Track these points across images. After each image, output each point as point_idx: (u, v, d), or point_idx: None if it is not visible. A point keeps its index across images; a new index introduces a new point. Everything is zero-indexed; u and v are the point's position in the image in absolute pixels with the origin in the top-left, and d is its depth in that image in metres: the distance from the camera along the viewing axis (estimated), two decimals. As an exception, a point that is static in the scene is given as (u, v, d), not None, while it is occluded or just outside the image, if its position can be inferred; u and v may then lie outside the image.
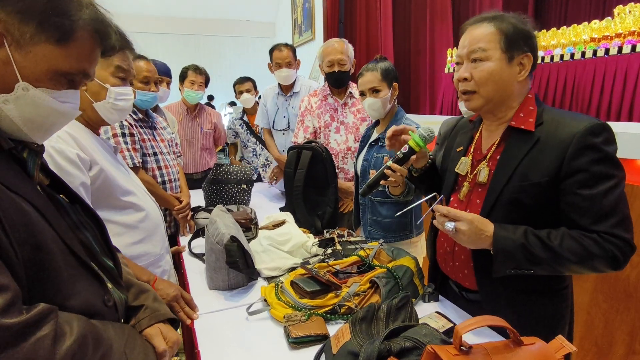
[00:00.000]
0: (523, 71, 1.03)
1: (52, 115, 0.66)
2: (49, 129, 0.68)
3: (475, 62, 1.03)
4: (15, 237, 0.56)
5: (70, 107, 0.69)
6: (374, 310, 0.97)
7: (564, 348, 0.68)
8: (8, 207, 0.56)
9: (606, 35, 3.24)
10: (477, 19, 1.07)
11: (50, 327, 0.56)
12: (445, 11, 4.13)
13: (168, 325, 0.86)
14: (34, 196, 0.62)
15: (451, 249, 1.17)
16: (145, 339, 0.79)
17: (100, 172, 1.18)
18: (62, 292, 0.62)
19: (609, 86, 3.02)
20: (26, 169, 0.67)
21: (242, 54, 7.21)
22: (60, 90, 0.65)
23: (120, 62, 1.20)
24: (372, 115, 1.78)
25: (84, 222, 0.78)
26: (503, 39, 1.01)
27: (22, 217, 0.58)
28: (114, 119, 1.25)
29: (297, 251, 1.51)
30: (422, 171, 1.32)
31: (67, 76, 0.65)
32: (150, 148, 1.83)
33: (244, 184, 2.20)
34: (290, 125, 2.62)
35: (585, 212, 0.94)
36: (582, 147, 0.93)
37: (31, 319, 0.54)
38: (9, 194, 0.58)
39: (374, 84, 1.68)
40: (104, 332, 0.66)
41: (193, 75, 2.85)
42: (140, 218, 1.30)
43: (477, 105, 1.07)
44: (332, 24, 3.97)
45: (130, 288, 0.87)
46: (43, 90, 0.63)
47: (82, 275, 0.67)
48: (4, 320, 0.50)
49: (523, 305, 1.07)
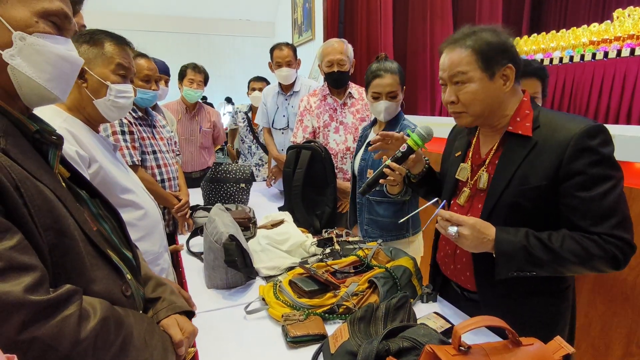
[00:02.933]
0: (507, 82, 1.03)
1: (59, 63, 0.68)
2: (62, 79, 0.70)
3: (458, 85, 1.04)
4: (40, 222, 0.58)
5: (74, 54, 0.71)
6: (372, 310, 0.97)
7: (563, 349, 0.68)
8: (34, 194, 0.59)
9: (605, 39, 3.26)
10: (451, 40, 1.06)
11: (75, 306, 0.58)
12: (445, 11, 4.14)
13: (184, 317, 0.88)
14: (55, 186, 0.64)
15: (452, 252, 1.18)
16: (163, 329, 0.81)
17: (99, 170, 1.18)
18: (85, 278, 0.64)
19: (607, 89, 3.03)
20: (47, 160, 0.69)
21: (242, 53, 7.21)
22: (55, 36, 0.67)
23: (121, 60, 1.20)
24: (384, 118, 1.73)
25: (103, 215, 0.80)
26: (480, 58, 1.00)
27: (47, 204, 0.60)
28: (113, 117, 1.25)
29: (295, 251, 1.51)
30: (420, 177, 1.33)
31: (50, 17, 0.66)
32: (149, 146, 1.82)
33: (243, 182, 2.19)
34: (290, 124, 2.62)
35: (584, 214, 0.94)
36: (579, 149, 0.93)
37: (58, 298, 0.56)
38: (34, 181, 0.60)
39: (393, 88, 1.65)
40: (125, 318, 0.67)
41: (192, 73, 2.85)
42: (139, 216, 1.30)
43: (467, 122, 1.09)
44: (332, 24, 3.97)
45: (148, 281, 0.89)
46: (38, 35, 0.64)
47: (101, 265, 0.69)
48: (32, 297, 0.52)
49: (523, 307, 1.07)
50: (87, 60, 1.17)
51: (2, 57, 0.61)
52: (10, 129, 0.62)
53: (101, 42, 1.19)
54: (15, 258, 0.53)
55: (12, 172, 0.56)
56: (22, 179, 0.58)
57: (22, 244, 0.55)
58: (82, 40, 1.19)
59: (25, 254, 0.55)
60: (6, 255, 0.52)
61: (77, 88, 1.18)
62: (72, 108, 1.20)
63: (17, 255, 0.53)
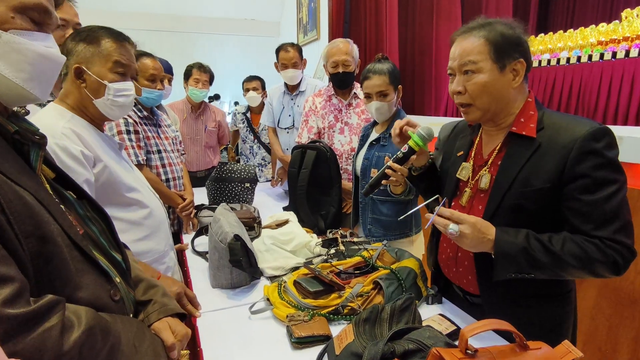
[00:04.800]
0: (517, 77, 1.02)
1: (38, 61, 0.65)
2: (42, 78, 0.67)
3: (467, 75, 1.02)
4: (20, 230, 0.55)
5: (53, 51, 0.67)
6: (377, 311, 0.97)
7: (571, 353, 0.67)
8: (12, 199, 0.56)
9: (613, 39, 3.22)
10: (464, 29, 1.05)
11: (57, 318, 0.55)
12: (452, 11, 4.11)
13: (177, 319, 0.86)
14: (37, 189, 0.62)
15: (454, 255, 1.16)
16: (154, 333, 0.79)
17: (104, 169, 1.18)
18: (70, 285, 0.62)
19: (615, 90, 3.00)
20: (29, 161, 0.66)
21: (247, 52, 7.21)
22: (33, 32, 0.64)
23: (119, 57, 1.17)
24: (378, 119, 1.77)
25: (91, 217, 0.78)
26: (492, 49, 0.99)
27: (27, 209, 0.57)
28: (115, 115, 1.24)
29: (300, 251, 1.51)
30: (422, 170, 1.31)
31: (27, 12, 0.63)
32: (154, 146, 1.83)
33: (248, 182, 2.20)
34: (295, 124, 2.62)
35: (587, 218, 0.93)
36: (583, 152, 0.92)
37: (38, 310, 0.53)
38: (12, 186, 0.57)
39: (382, 88, 1.67)
40: (112, 325, 0.65)
41: (197, 73, 2.86)
42: (144, 215, 1.30)
43: (475, 117, 1.07)
44: (337, 23, 3.96)
45: (139, 283, 0.87)
46: (15, 32, 0.61)
47: (88, 270, 0.67)
48: (9, 311, 0.50)
49: (526, 310, 1.06)
50: (85, 59, 1.14)
51: None
52: None
53: (98, 40, 1.15)
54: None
55: None
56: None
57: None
58: (79, 39, 1.15)
59: (3, 265, 0.52)
60: None
61: (77, 88, 1.16)
62: (76, 108, 1.18)
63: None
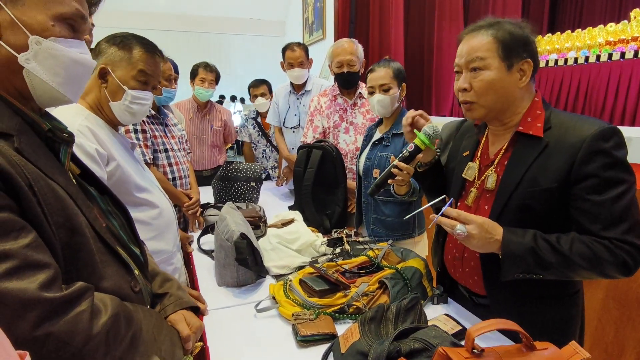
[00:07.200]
0: (524, 77, 1.01)
1: (72, 66, 0.68)
2: (75, 82, 0.71)
3: (474, 72, 1.02)
4: (54, 221, 0.59)
5: (87, 57, 0.71)
6: (383, 310, 0.97)
7: (578, 354, 0.67)
8: (47, 192, 0.59)
9: (622, 39, 3.19)
10: (473, 27, 1.05)
11: (87, 303, 0.59)
12: (456, 11, 4.10)
13: (191, 312, 0.89)
14: (67, 184, 0.65)
15: (460, 255, 1.16)
16: (170, 324, 0.82)
17: (116, 168, 1.19)
18: (95, 275, 0.65)
19: (624, 90, 2.97)
20: (58, 157, 0.70)
21: (252, 52, 7.23)
22: (69, 39, 0.67)
23: (145, 67, 1.22)
24: (379, 113, 1.75)
25: (112, 212, 0.81)
26: (500, 47, 0.99)
27: (59, 202, 0.61)
28: (126, 120, 1.27)
29: (305, 250, 1.51)
30: (428, 166, 1.29)
31: (66, 20, 0.67)
32: (161, 144, 1.84)
33: (253, 181, 2.20)
34: (301, 123, 2.62)
35: (595, 218, 0.93)
36: (592, 152, 0.91)
37: (71, 295, 0.57)
38: (47, 180, 0.61)
39: (385, 81, 1.67)
40: (134, 313, 0.69)
41: (203, 72, 2.87)
42: (154, 215, 1.31)
43: (478, 115, 1.07)
44: (342, 23, 3.96)
45: (155, 276, 0.91)
46: (53, 39, 0.65)
47: (111, 261, 0.70)
48: (46, 295, 0.53)
49: (532, 310, 1.06)
50: (112, 62, 1.19)
51: (17, 60, 0.62)
52: (24, 128, 0.63)
53: (130, 48, 1.21)
54: (30, 256, 0.54)
55: (26, 171, 0.57)
56: (36, 178, 0.58)
57: (36, 242, 0.56)
58: (112, 42, 1.20)
59: (40, 252, 0.56)
60: (22, 253, 0.53)
61: (97, 87, 1.20)
62: (93, 106, 1.22)
63: (32, 253, 0.54)
